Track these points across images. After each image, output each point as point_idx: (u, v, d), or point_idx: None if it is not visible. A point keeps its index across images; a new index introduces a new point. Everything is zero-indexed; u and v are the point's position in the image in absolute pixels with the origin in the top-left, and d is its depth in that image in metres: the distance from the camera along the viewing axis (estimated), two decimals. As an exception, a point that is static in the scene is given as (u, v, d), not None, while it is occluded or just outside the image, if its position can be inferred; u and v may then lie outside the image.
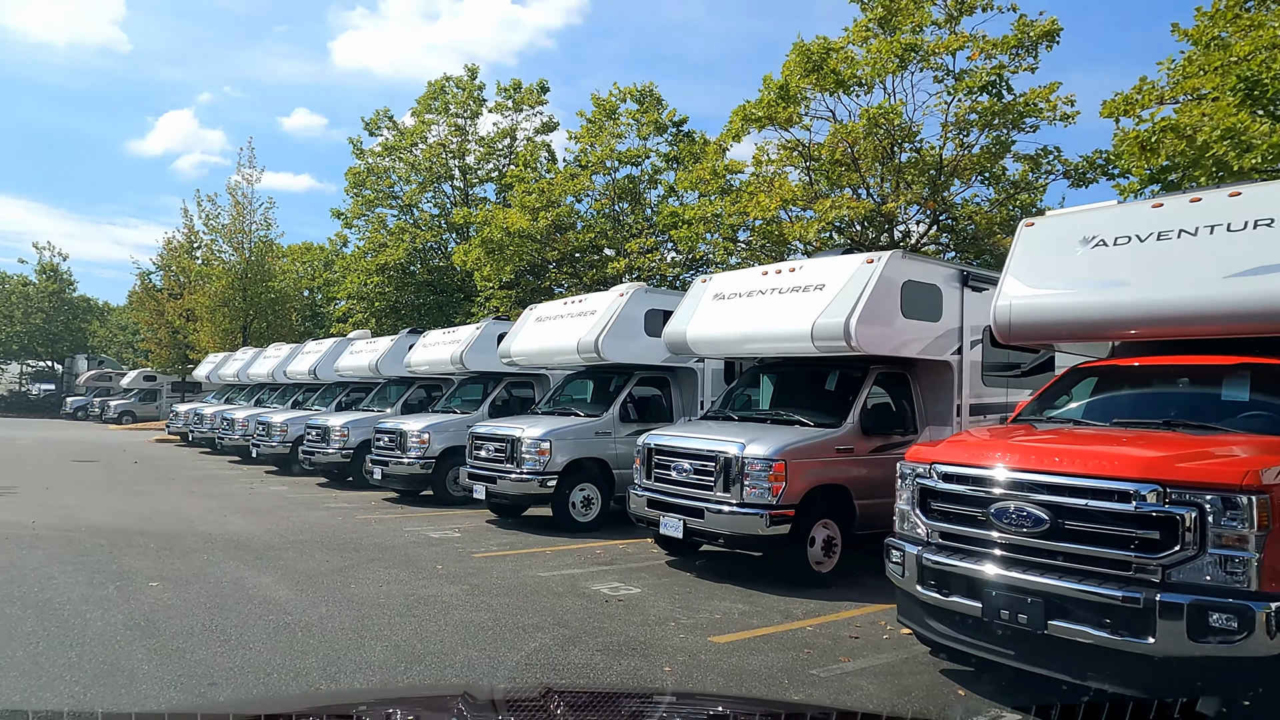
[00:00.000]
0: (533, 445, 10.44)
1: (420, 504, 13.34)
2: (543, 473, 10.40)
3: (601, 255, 26.22)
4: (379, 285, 28.23)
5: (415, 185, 30.36)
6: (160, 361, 39.06)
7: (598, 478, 10.90)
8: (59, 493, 13.54)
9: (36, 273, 51.18)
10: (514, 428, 10.81)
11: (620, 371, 11.68)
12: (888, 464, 8.38)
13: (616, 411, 11.13)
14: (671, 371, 11.79)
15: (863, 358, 8.33)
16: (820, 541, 7.80)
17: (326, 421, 16.29)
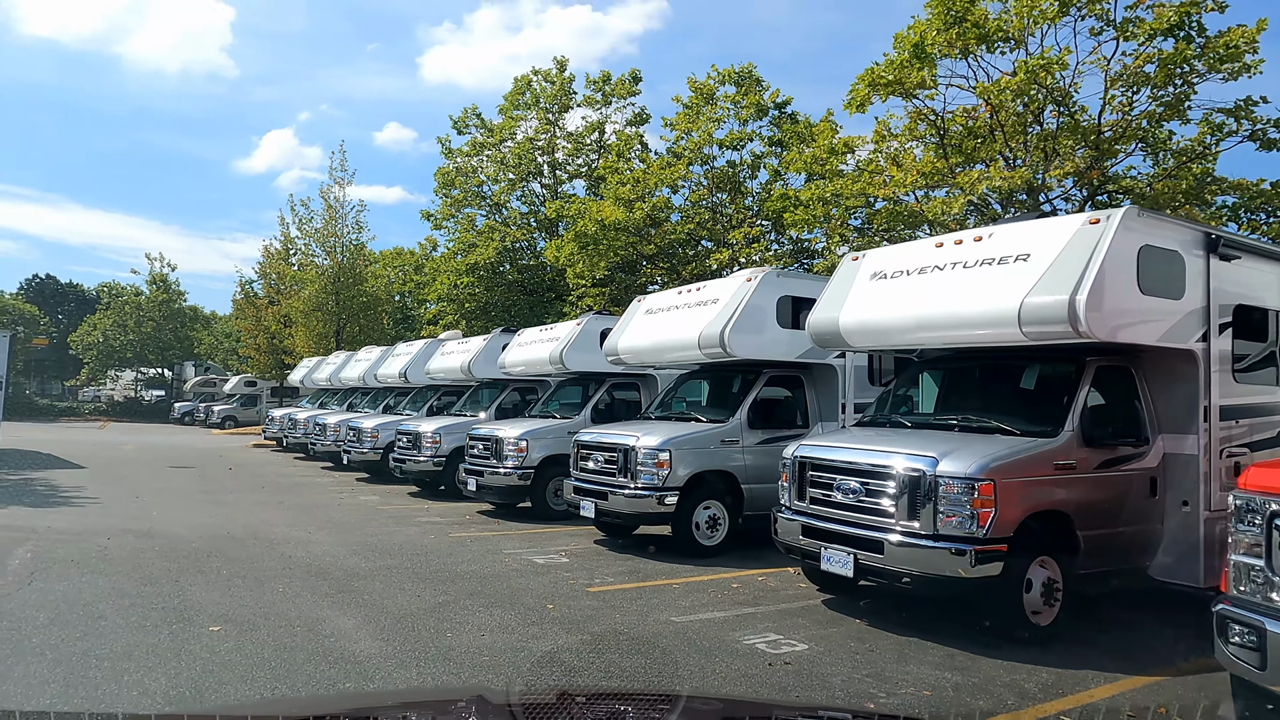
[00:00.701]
0: (649, 456, 8.94)
1: (518, 518, 12.06)
2: (661, 488, 8.89)
3: (698, 249, 24.71)
4: (469, 286, 27.45)
5: (504, 183, 29.54)
6: (259, 367, 39.67)
7: (724, 494, 9.32)
8: (146, 502, 12.90)
9: (147, 283, 53.31)
10: (626, 435, 9.34)
11: (746, 370, 10.08)
12: (1116, 484, 6.61)
13: (744, 416, 9.52)
14: (806, 369, 10.11)
15: (1075, 347, 6.49)
16: (1039, 585, 6.01)
17: (417, 427, 15.29)
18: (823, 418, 10.02)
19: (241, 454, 24.99)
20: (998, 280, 6.49)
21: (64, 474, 17.18)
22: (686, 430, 9.33)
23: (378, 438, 17.59)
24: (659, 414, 10.64)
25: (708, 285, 10.17)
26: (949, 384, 8.05)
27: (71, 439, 30.23)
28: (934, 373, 8.21)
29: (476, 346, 15.71)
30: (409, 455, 15.18)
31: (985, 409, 7.04)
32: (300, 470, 20.04)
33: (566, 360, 12.39)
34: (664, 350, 10.21)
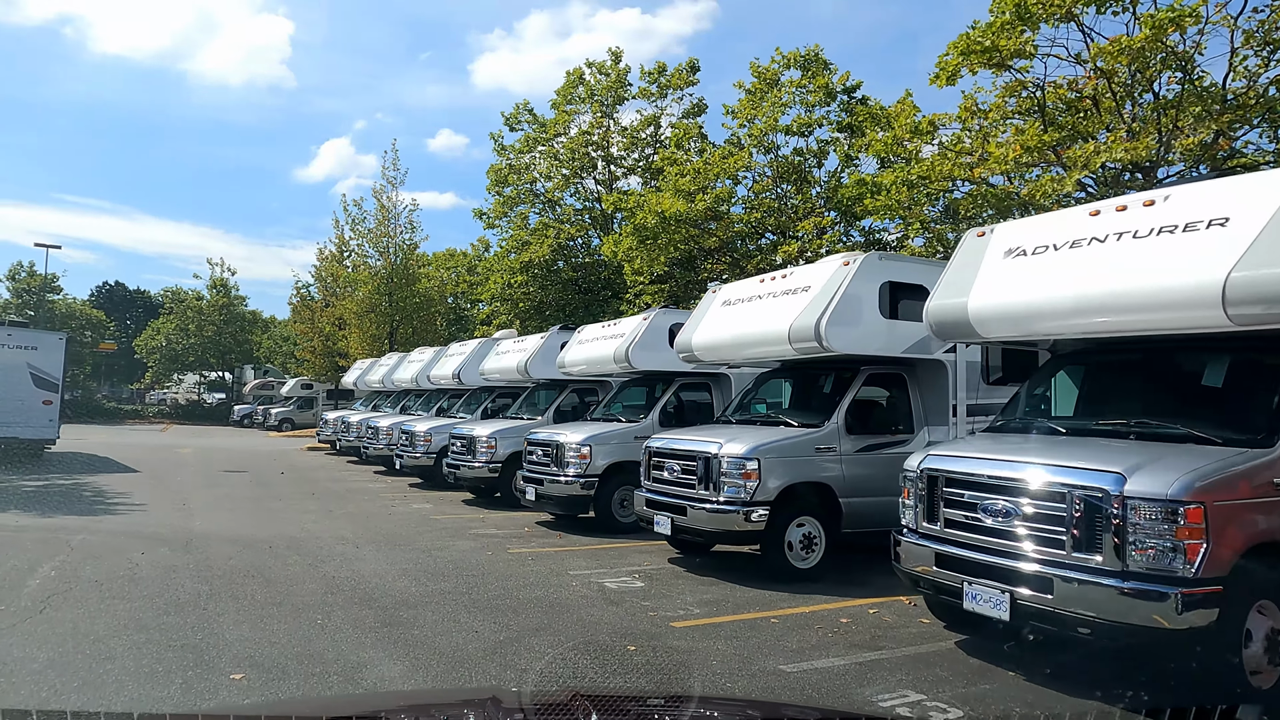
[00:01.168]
0: (735, 466, 7.80)
1: (581, 530, 11.03)
2: (749, 502, 7.74)
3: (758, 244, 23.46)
4: (522, 285, 26.67)
5: (558, 179, 28.71)
6: (315, 370, 39.67)
7: (819, 509, 8.13)
8: (192, 510, 12.26)
9: (208, 288, 54.13)
10: (707, 442, 8.21)
11: (840, 367, 8.88)
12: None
13: (841, 420, 8.31)
14: (908, 365, 8.86)
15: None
16: (1260, 638, 4.70)
17: (472, 431, 14.41)
18: (928, 422, 8.76)
19: (296, 457, 24.60)
20: (1187, 251, 5.22)
21: (116, 479, 16.81)
22: (776, 437, 8.15)
23: (431, 441, 16.82)
24: (739, 417, 9.50)
25: (795, 271, 8.98)
26: (1098, 382, 6.73)
27: (132, 442, 30.42)
28: (1074, 368, 6.91)
29: (533, 345, 14.78)
30: (463, 461, 14.32)
31: (1163, 412, 5.73)
32: (352, 475, 19.42)
33: (633, 358, 11.33)
34: (746, 345, 9.05)
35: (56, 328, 48.14)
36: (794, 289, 8.59)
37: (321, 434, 27.01)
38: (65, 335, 20.48)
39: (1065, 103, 13.76)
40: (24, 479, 16.14)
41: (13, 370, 18.91)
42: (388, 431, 19.80)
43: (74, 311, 50.65)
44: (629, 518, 11.13)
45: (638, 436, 11.28)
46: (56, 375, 19.57)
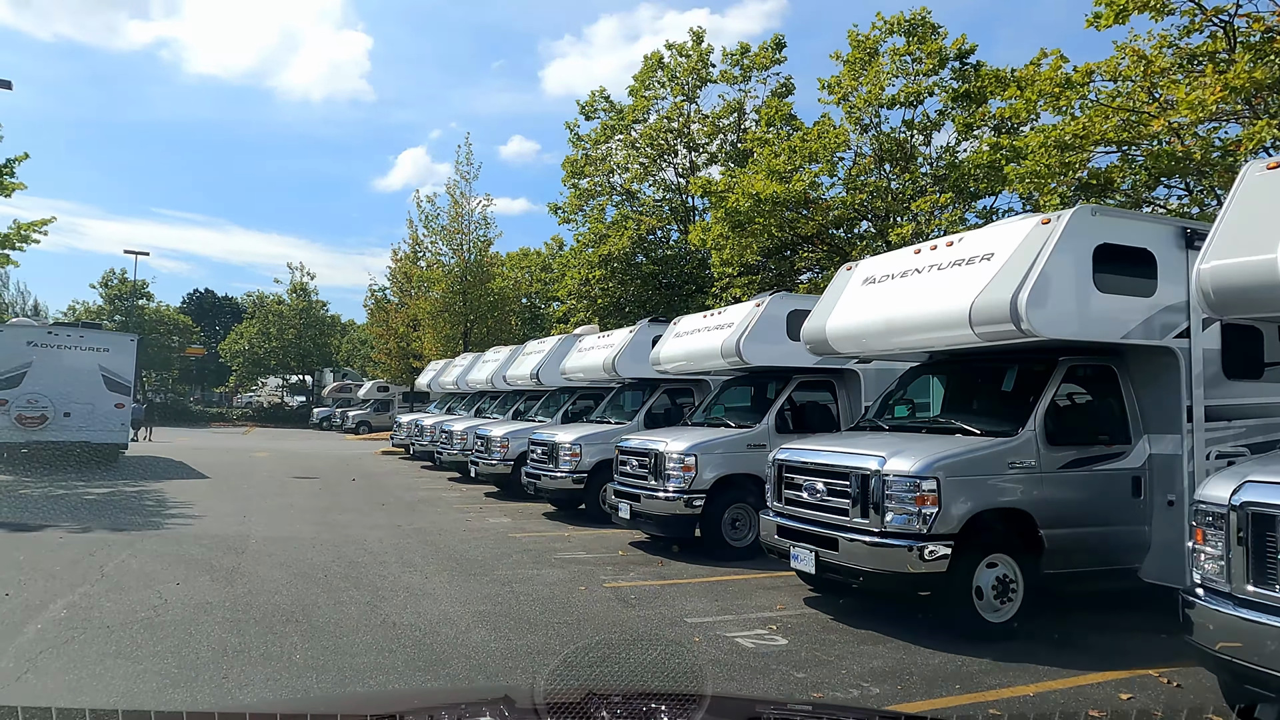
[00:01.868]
0: (906, 487, 5.91)
1: (689, 556, 9.30)
2: (926, 535, 5.85)
3: (855, 232, 21.34)
4: (600, 280, 25.16)
5: (636, 168, 27.12)
6: (390, 372, 39.19)
7: (1016, 544, 6.19)
8: (250, 525, 11.06)
9: (288, 292, 54.76)
10: (862, 455, 6.36)
11: (1028, 358, 6.90)
12: None
13: (1040, 427, 6.33)
14: (1118, 357, 6.82)
15: None
16: None
17: (553, 437, 12.86)
18: (1149, 428, 6.69)
19: (369, 462, 23.68)
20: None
21: (183, 486, 15.97)
22: (955, 449, 6.19)
23: (508, 448, 15.38)
24: (888, 423, 7.60)
25: (967, 237, 7.01)
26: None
27: (213, 445, 30.27)
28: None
29: (621, 341, 13.13)
30: (544, 470, 12.79)
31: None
32: (425, 482, 18.21)
33: (744, 352, 9.51)
34: (901, 331, 7.12)
35: (146, 332, 49.32)
36: (969, 258, 6.64)
37: (395, 438, 26.09)
38: (136, 337, 19.94)
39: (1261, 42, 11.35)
40: (93, 486, 15.44)
41: (84, 373, 18.38)
42: (462, 436, 18.52)
43: (163, 317, 51.83)
44: (743, 541, 9.38)
45: (751, 445, 9.54)
46: (128, 378, 18.99)
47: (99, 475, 17.04)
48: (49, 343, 18.24)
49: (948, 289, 6.61)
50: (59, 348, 18.29)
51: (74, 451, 18.21)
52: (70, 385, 18.21)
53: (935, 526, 5.84)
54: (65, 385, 18.15)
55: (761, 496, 9.44)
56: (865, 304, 7.55)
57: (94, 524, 10.80)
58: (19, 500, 13.38)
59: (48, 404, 17.89)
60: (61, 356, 18.26)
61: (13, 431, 17.58)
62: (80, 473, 17.27)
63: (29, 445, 17.84)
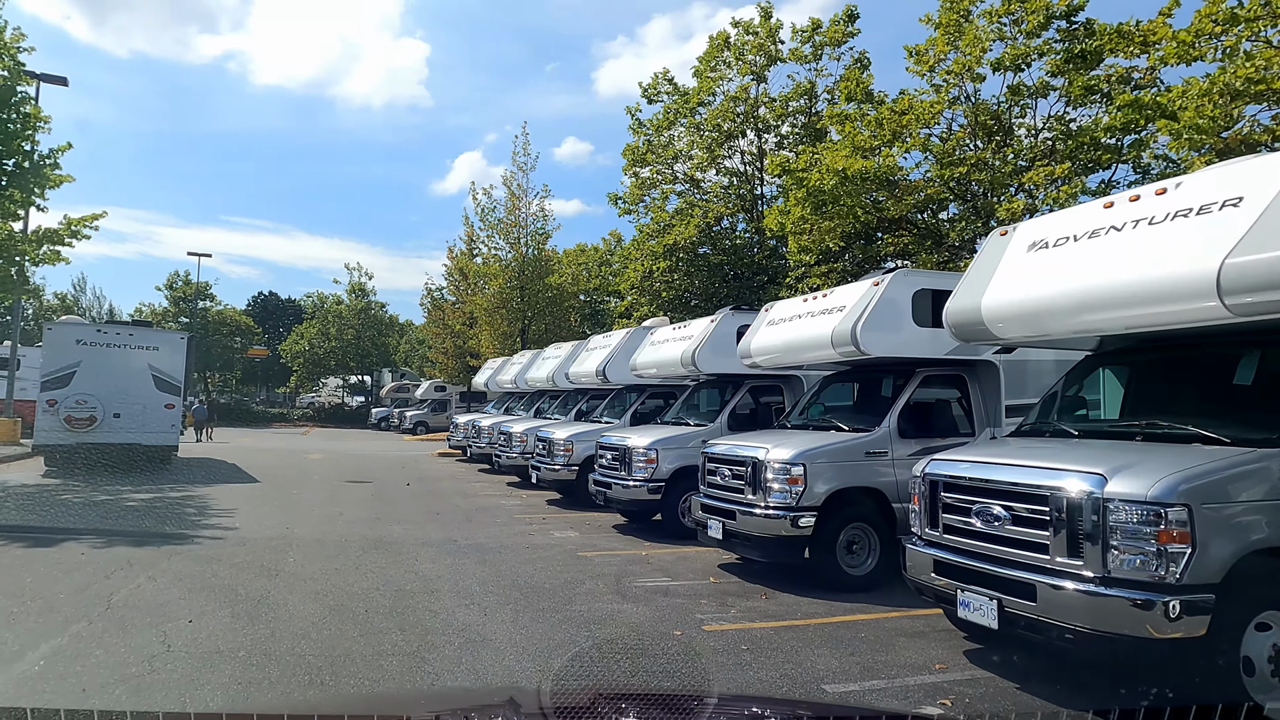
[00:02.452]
0: (1144, 515, 4.25)
1: (796, 585, 7.73)
2: (1177, 586, 4.17)
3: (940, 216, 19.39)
4: (664, 271, 23.63)
5: (701, 154, 25.51)
6: (447, 371, 38.42)
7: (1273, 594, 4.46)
8: (292, 538, 9.89)
9: (347, 292, 54.74)
10: (1062, 469, 4.69)
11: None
12: None
13: None
14: None
15: None
16: None
17: (625, 440, 11.43)
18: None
19: (425, 465, 22.65)
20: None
21: (231, 491, 15.03)
22: (1190, 464, 4.48)
23: (572, 451, 14.02)
24: (1077, 426, 5.89)
25: (1183, 184, 5.25)
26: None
27: (270, 446, 29.79)
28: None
29: (701, 332, 11.59)
30: (615, 478, 11.36)
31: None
32: (484, 487, 16.98)
33: (863, 341, 7.87)
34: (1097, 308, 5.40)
35: (208, 334, 49.71)
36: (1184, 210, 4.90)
37: (452, 439, 25.05)
38: (187, 335, 19.23)
39: None
40: (137, 490, 14.60)
41: (134, 373, 17.68)
42: (522, 438, 17.26)
43: (225, 318, 52.27)
44: (861, 569, 7.77)
45: (869, 453, 7.92)
46: (179, 378, 18.25)
47: (148, 479, 16.27)
48: (98, 341, 17.59)
49: (1164, 251, 4.90)
50: (108, 346, 17.63)
51: (124, 454, 17.52)
52: (120, 385, 17.53)
53: (1192, 572, 4.16)
54: (114, 385, 17.48)
55: (883, 514, 7.88)
56: (1040, 275, 5.84)
57: (123, 536, 9.76)
58: (58, 506, 12.55)
59: (97, 405, 17.23)
60: (111, 355, 17.59)
61: (62, 433, 16.95)
62: (129, 476, 16.53)
63: (78, 447, 17.20)
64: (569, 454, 13.98)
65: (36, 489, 14.55)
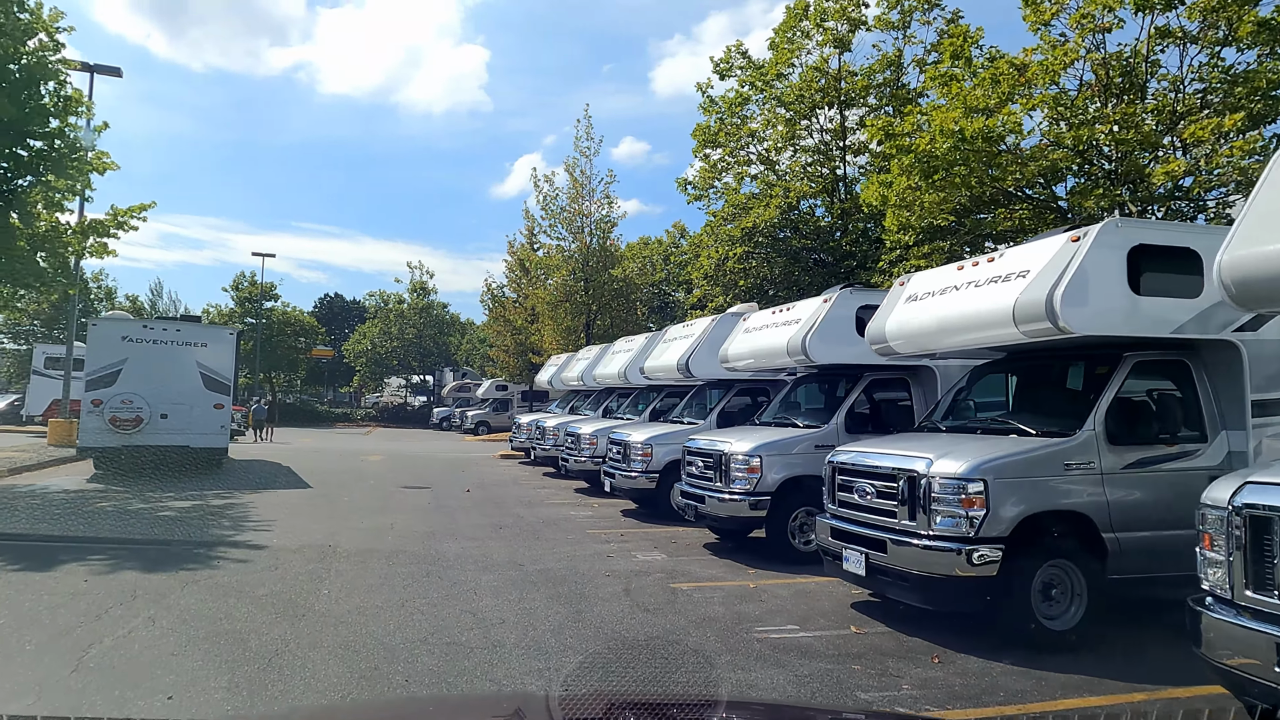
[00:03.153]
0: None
1: (972, 639, 5.78)
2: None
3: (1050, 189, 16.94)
4: (740, 258, 21.65)
5: (780, 130, 23.39)
6: (508, 369, 37.18)
7: None
8: (332, 561, 8.38)
9: (408, 291, 54.27)
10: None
11: None
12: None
13: None
14: None
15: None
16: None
17: (717, 444, 9.58)
18: None
19: (486, 468, 21.22)
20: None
21: (277, 498, 13.75)
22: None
23: (651, 456, 12.27)
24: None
25: None
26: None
27: (330, 447, 28.91)
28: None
29: (812, 314, 9.61)
30: (707, 489, 9.53)
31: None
32: (549, 494, 15.37)
33: (1064, 315, 5.79)
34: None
35: (274, 334, 49.72)
36: None
37: (515, 440, 23.57)
38: (237, 330, 18.12)
39: None
40: (179, 497, 13.45)
41: (181, 370, 16.62)
42: (590, 440, 15.59)
43: (289, 318, 52.30)
44: (1062, 622, 5.76)
45: (1071, 465, 5.88)
46: (228, 376, 17.14)
47: (194, 483, 15.15)
48: (144, 337, 16.59)
49: None
50: (154, 343, 16.61)
51: (172, 457, 16.49)
52: (167, 384, 16.49)
53: None
54: (161, 384, 16.44)
55: (1090, 548, 5.86)
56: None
57: (140, 556, 8.39)
58: (87, 516, 11.37)
59: (143, 405, 16.21)
60: (157, 353, 16.57)
61: (107, 435, 15.98)
62: (176, 481, 15.46)
63: (124, 450, 16.22)
64: (647, 459, 12.23)
65: (75, 495, 13.51)
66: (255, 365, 48.05)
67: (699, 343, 12.49)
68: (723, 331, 12.23)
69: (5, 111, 13.12)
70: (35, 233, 15.47)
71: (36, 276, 15.45)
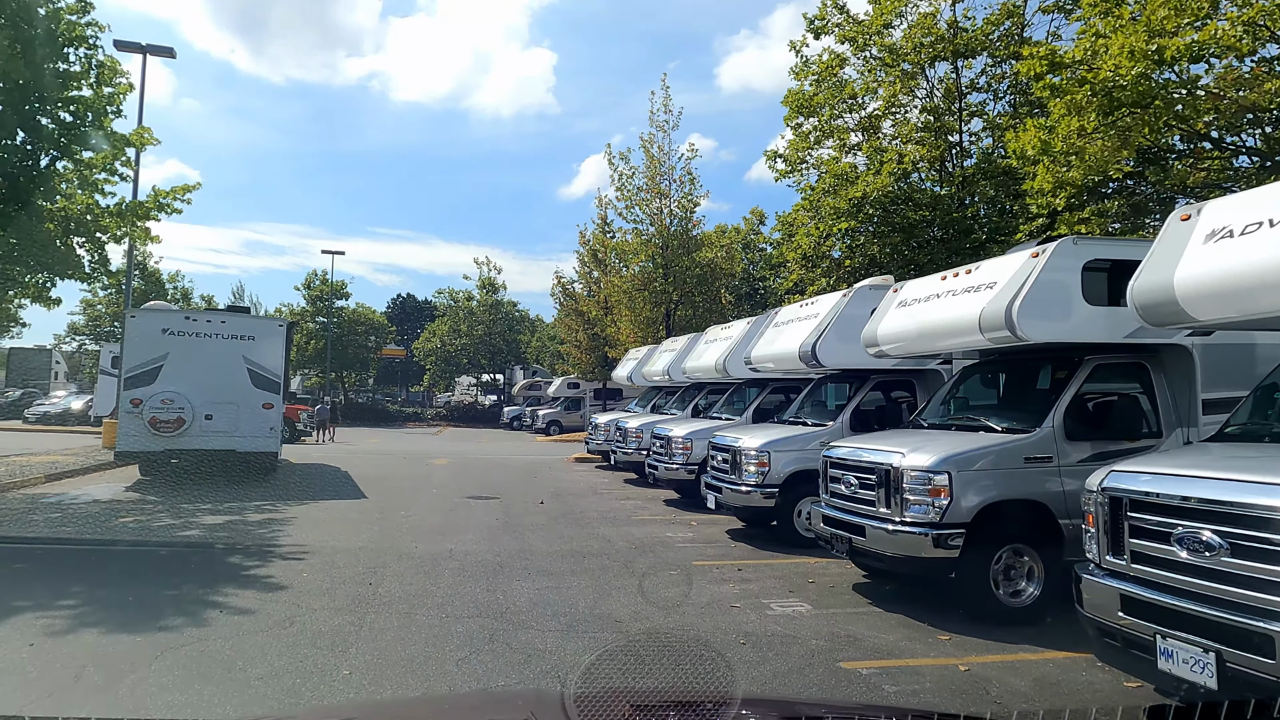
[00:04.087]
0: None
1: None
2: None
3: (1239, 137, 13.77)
4: (846, 233, 18.87)
5: (889, 89, 20.43)
6: (581, 366, 35.13)
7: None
8: (368, 609, 6.24)
9: (477, 287, 53.03)
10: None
11: None
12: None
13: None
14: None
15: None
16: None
17: (891, 457, 7.01)
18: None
19: (560, 474, 19.08)
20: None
21: (324, 512, 11.84)
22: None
23: (768, 467, 9.77)
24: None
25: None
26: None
27: (396, 448, 27.37)
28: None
29: (1007, 275, 6.90)
30: (864, 513, 6.97)
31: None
32: (636, 508, 13.05)
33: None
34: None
35: (345, 333, 49.01)
36: None
37: (591, 442, 21.35)
38: (286, 321, 16.38)
39: None
40: (215, 510, 11.69)
41: (226, 366, 14.97)
42: (684, 444, 13.21)
43: (360, 316, 51.63)
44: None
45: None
46: (277, 372, 15.41)
47: (239, 492, 13.42)
48: (186, 330, 14.97)
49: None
50: (197, 336, 14.98)
51: (218, 462, 14.85)
52: (211, 381, 14.86)
53: None
54: (205, 381, 14.81)
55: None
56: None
57: (117, 608, 6.42)
58: (99, 532, 9.59)
59: (185, 405, 14.60)
60: (200, 346, 14.94)
61: (146, 438, 14.41)
62: (221, 489, 13.78)
63: (165, 454, 14.65)
64: (764, 470, 9.75)
65: (103, 507, 11.86)
66: (325, 364, 47.39)
67: (828, 323, 9.90)
68: (860, 309, 9.62)
69: (19, 73, 11.55)
70: (69, 214, 14.02)
71: (67, 264, 13.95)
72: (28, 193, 12.93)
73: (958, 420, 7.47)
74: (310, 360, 49.75)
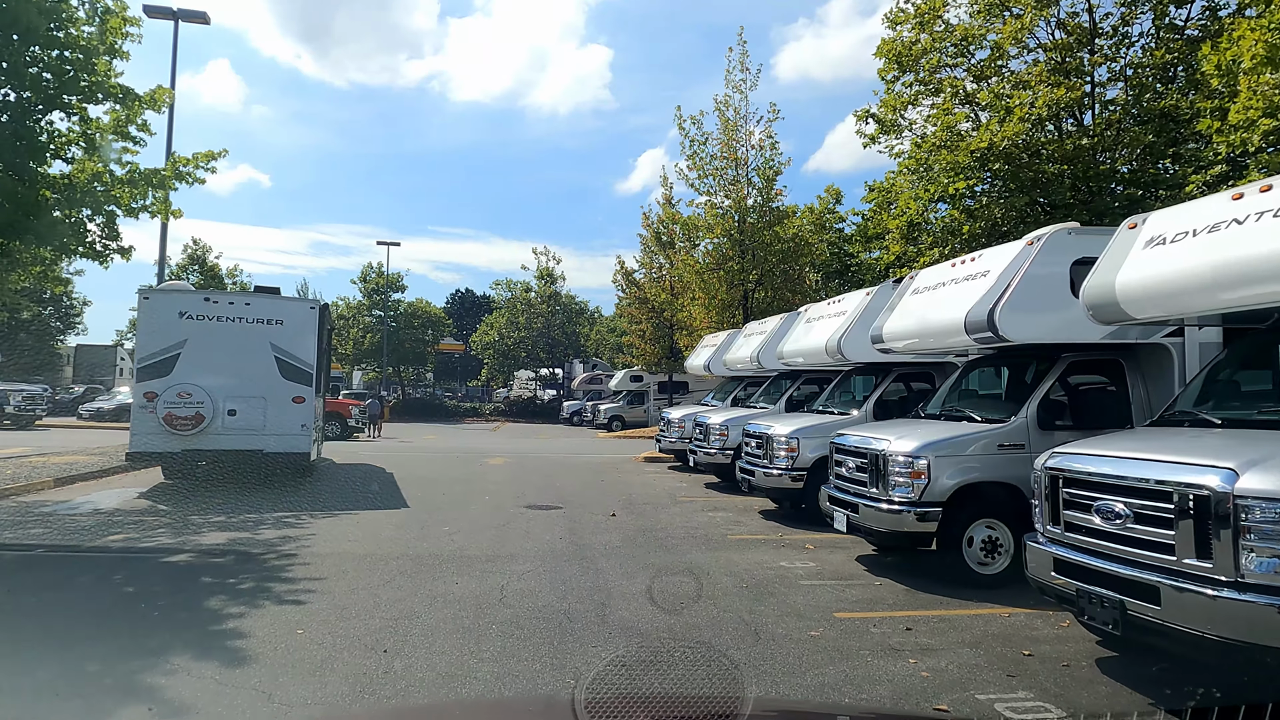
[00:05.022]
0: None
1: None
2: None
3: None
4: (965, 193, 15.95)
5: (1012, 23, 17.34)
6: (645, 358, 32.82)
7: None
8: (378, 689, 3.97)
9: (535, 278, 51.28)
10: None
11: None
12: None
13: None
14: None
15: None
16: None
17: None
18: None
19: (631, 475, 16.75)
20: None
21: (353, 526, 9.76)
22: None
23: (925, 478, 7.18)
24: None
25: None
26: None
27: (450, 445, 25.52)
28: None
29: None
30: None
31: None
32: (729, 523, 10.59)
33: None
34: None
35: (400, 326, 47.71)
36: None
37: (663, 440, 18.93)
38: (319, 303, 14.36)
39: None
40: (228, 523, 9.76)
41: (252, 354, 13.07)
42: (788, 445, 10.69)
43: (417, 310, 50.38)
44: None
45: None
46: (309, 361, 13.44)
47: (264, 500, 11.49)
48: (206, 313, 13.10)
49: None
50: (219, 320, 13.11)
51: (242, 464, 12.97)
52: (234, 372, 12.99)
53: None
54: (227, 372, 12.95)
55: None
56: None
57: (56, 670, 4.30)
58: (81, 553, 7.63)
59: (204, 399, 12.73)
60: (222, 332, 13.06)
61: (161, 437, 12.59)
62: (245, 495, 11.89)
63: (182, 456, 12.82)
64: (918, 481, 7.17)
65: (100, 520, 10.02)
66: (382, 358, 46.19)
67: (1010, 283, 7.18)
68: (1055, 263, 6.95)
69: (-6, 4, 9.72)
70: (74, 182, 12.26)
71: (72, 236, 12.19)
72: (22, 154, 11.20)
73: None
74: (367, 354, 48.68)
